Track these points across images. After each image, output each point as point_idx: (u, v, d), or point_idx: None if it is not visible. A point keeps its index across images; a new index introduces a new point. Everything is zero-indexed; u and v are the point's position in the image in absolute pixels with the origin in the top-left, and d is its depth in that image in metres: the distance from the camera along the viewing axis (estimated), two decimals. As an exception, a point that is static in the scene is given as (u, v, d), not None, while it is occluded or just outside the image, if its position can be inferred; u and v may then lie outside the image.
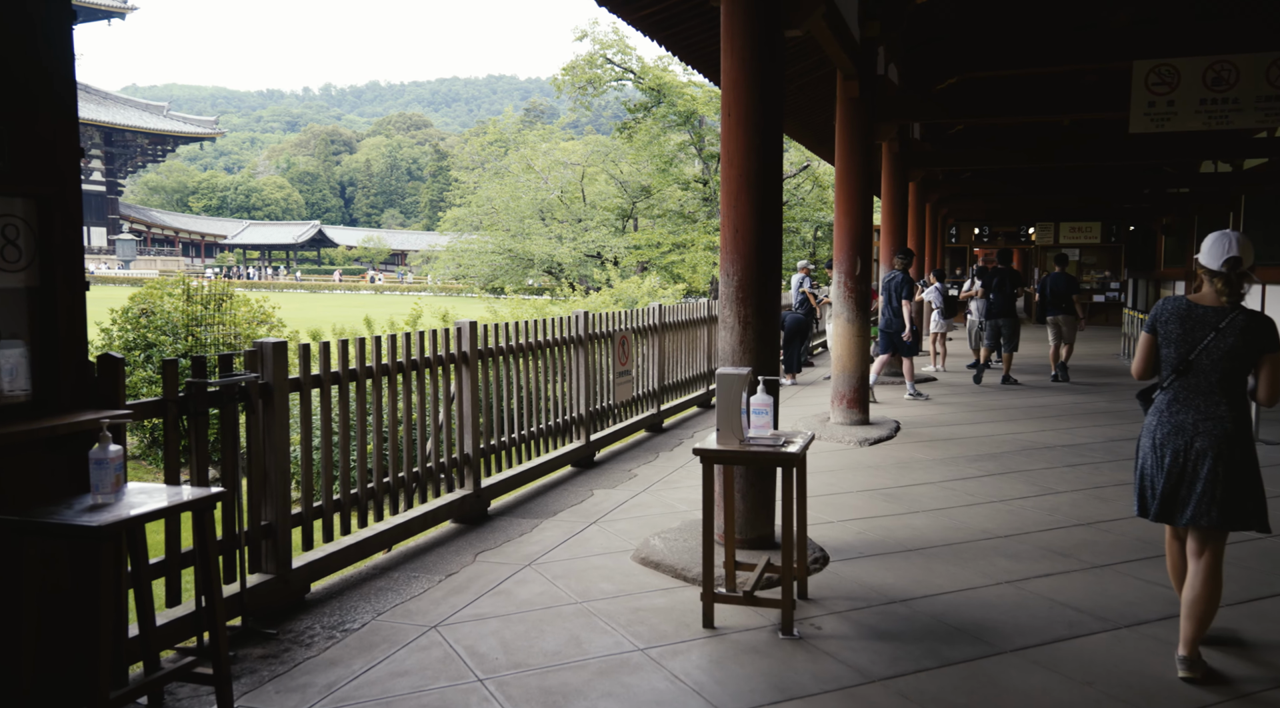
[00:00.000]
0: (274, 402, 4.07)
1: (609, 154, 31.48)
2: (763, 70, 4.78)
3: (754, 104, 4.78)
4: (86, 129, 69.38)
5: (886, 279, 10.92)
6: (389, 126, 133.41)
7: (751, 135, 4.80)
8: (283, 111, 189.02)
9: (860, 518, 5.70)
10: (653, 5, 8.37)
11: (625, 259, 27.10)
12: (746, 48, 4.76)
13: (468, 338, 5.66)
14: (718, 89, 27.05)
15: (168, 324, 10.68)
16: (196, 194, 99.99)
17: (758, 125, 4.80)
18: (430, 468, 5.35)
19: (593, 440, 7.46)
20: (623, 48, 27.54)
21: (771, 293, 4.97)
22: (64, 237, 3.17)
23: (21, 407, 3.07)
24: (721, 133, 4.96)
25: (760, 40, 4.77)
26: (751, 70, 4.77)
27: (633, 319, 8.49)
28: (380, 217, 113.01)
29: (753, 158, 4.83)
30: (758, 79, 4.78)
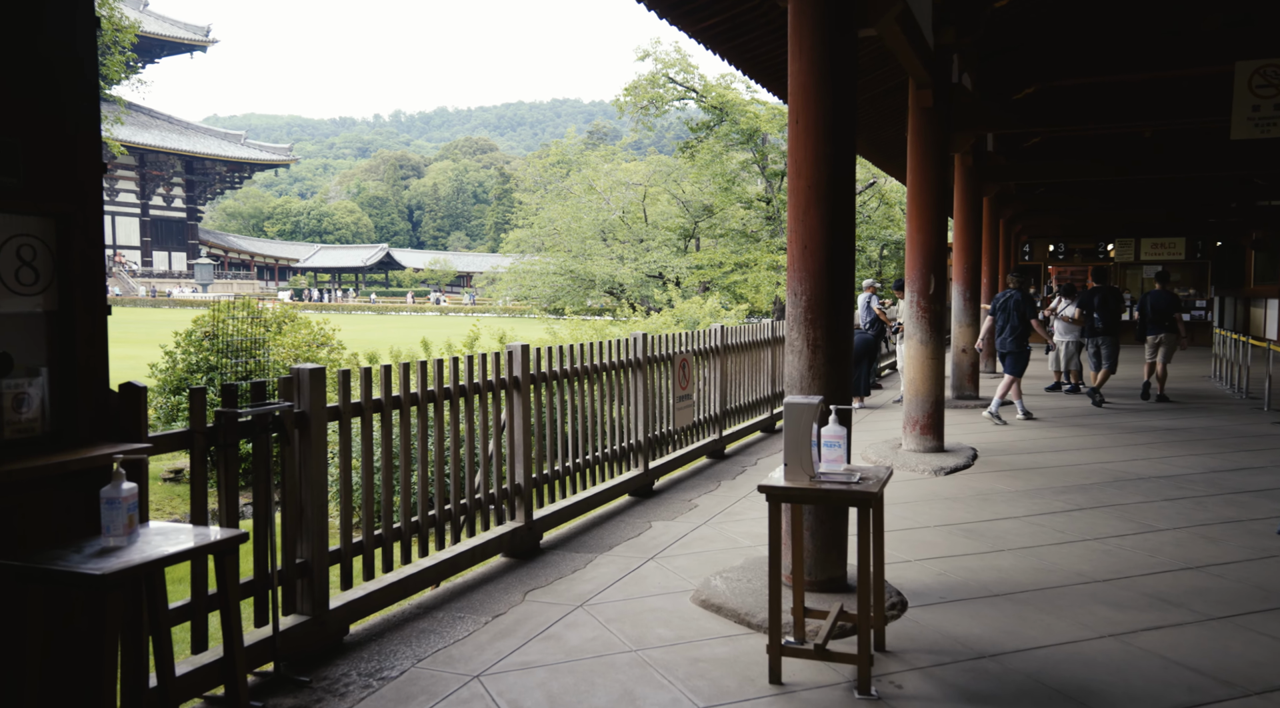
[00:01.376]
0: (311, 432, 3.83)
1: (671, 174, 31.29)
2: (834, 71, 4.44)
3: (824, 108, 4.44)
4: (169, 158, 72.13)
5: (1002, 298, 10.77)
6: (456, 151, 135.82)
7: (821, 143, 4.46)
8: (354, 138, 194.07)
9: (940, 557, 5.26)
10: (716, 15, 8.12)
11: (687, 279, 26.79)
12: (816, 47, 4.43)
13: (519, 362, 5.40)
14: (782, 106, 26.64)
15: (229, 347, 10.69)
16: (271, 219, 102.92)
17: (828, 131, 4.45)
18: (479, 499, 5.08)
19: (651, 468, 7.13)
20: (685, 66, 27.36)
21: (843, 314, 4.60)
22: (84, 258, 2.97)
23: (36, 440, 2.87)
24: (789, 141, 4.62)
25: (831, 38, 4.44)
26: (822, 71, 4.43)
27: (693, 341, 8.15)
28: (446, 239, 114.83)
29: (823, 167, 4.48)
30: (828, 81, 4.44)
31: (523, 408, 5.41)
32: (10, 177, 2.75)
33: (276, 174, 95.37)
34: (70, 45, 2.89)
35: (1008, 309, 10.70)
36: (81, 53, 2.93)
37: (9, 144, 2.74)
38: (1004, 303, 10.76)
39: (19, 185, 2.77)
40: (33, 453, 2.83)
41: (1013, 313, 10.63)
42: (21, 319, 2.84)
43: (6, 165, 2.73)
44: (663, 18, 7.85)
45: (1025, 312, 10.59)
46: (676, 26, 8.12)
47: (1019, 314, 10.59)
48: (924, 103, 8.37)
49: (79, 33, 2.92)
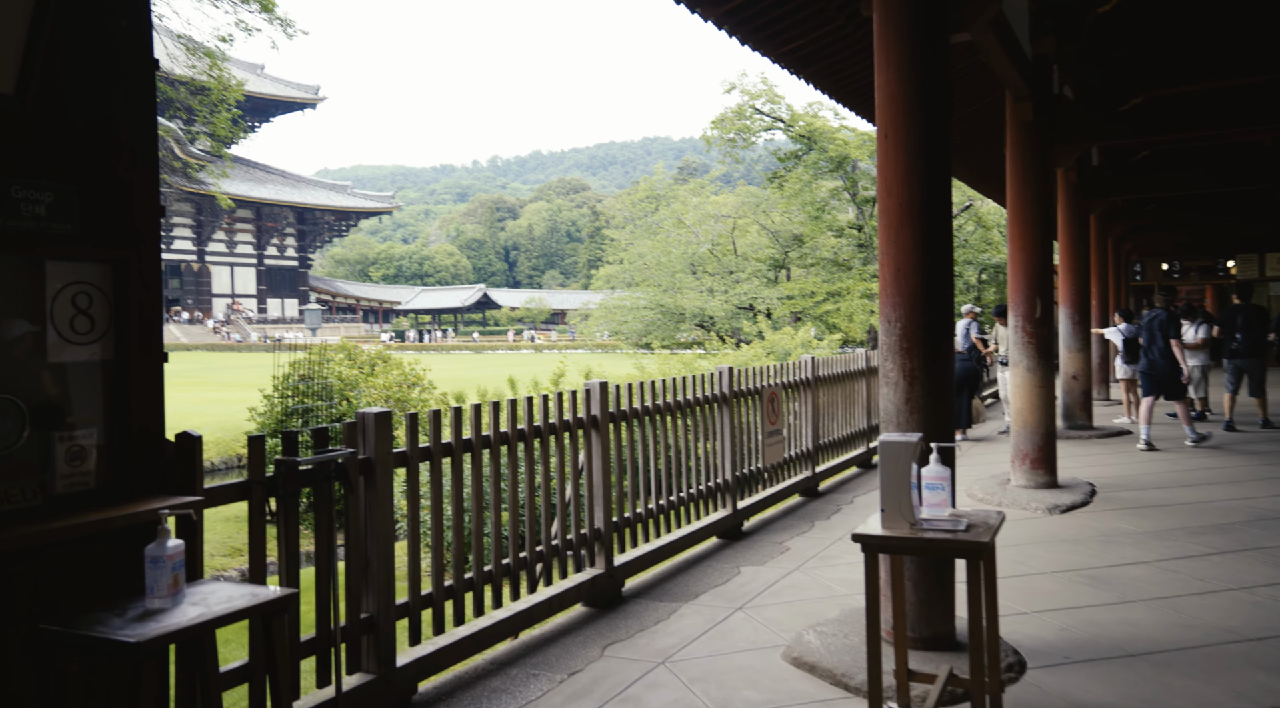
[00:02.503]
0: (376, 479, 3.68)
1: (760, 205, 30.98)
2: (925, 79, 4.12)
3: (916, 120, 4.12)
4: (282, 210, 75.57)
5: (1149, 318, 10.38)
6: (549, 192, 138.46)
7: (913, 157, 4.13)
8: (454, 184, 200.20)
9: (1061, 608, 4.77)
10: (799, 38, 7.89)
11: (778, 310, 26.32)
12: (905, 54, 4.13)
13: (597, 400, 5.18)
14: (872, 131, 26.15)
15: (324, 389, 10.83)
16: (376, 264, 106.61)
17: (920, 144, 4.13)
18: (556, 545, 4.85)
19: (740, 508, 6.80)
20: (771, 97, 27.12)
21: (942, 341, 4.23)
22: (140, 305, 2.88)
23: (91, 494, 2.77)
24: (878, 158, 4.31)
25: (921, 44, 4.13)
26: (912, 80, 4.12)
27: (782, 373, 7.81)
28: (542, 278, 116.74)
29: (915, 183, 4.15)
30: (919, 90, 4.12)
31: (602, 448, 5.18)
32: (65, 223, 2.68)
33: (380, 221, 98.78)
34: (125, 89, 2.83)
35: (1152, 329, 10.26)
36: (138, 96, 2.87)
37: (65, 191, 2.67)
38: (1149, 322, 10.36)
39: (75, 232, 2.70)
40: (86, 507, 2.73)
41: (1158, 333, 10.18)
42: (76, 368, 2.76)
43: (62, 212, 2.67)
44: (744, 43, 7.67)
45: (1170, 332, 10.12)
46: (759, 52, 7.93)
47: (1164, 334, 10.13)
48: (1023, 116, 7.91)
49: (133, 76, 2.85)
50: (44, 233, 2.62)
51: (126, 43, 2.84)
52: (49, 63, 2.61)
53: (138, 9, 2.87)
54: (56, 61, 2.64)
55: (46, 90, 2.61)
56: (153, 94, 2.93)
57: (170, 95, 12.26)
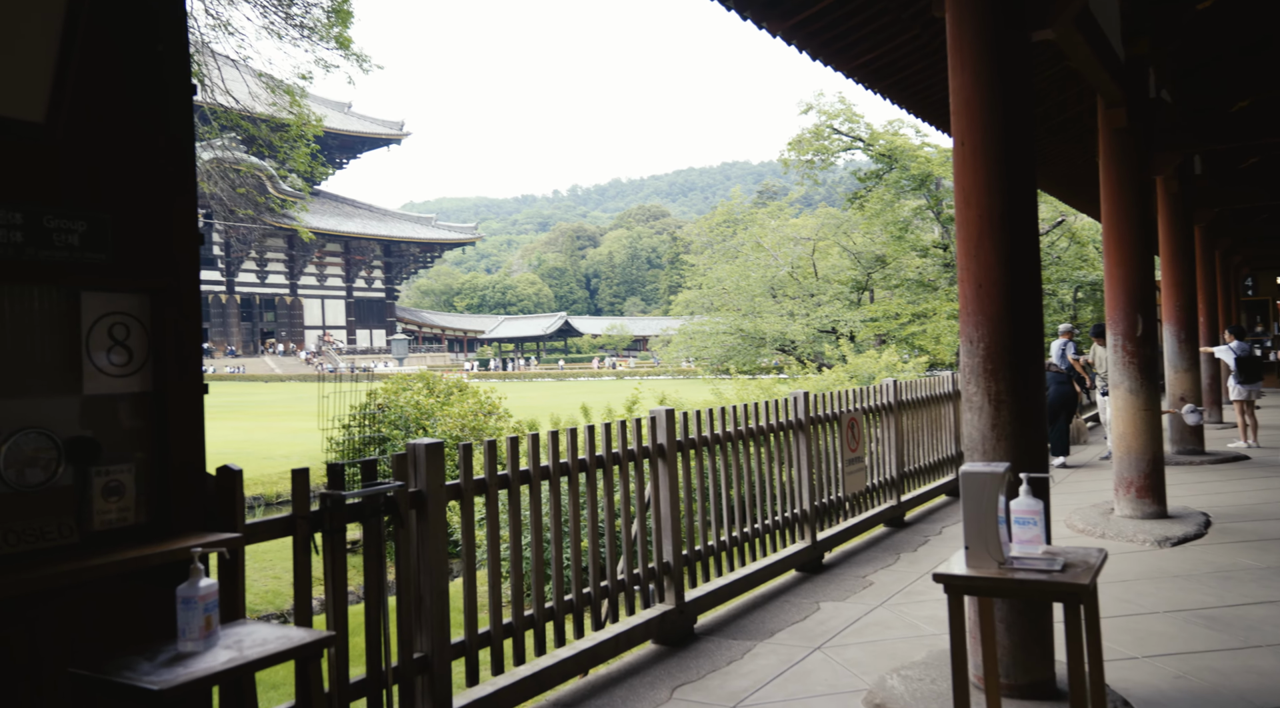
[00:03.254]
0: (428, 513, 3.54)
1: (840, 226, 30.46)
2: (1004, 79, 3.84)
3: (994, 123, 3.83)
4: (369, 243, 77.83)
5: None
6: (629, 219, 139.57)
7: (993, 164, 3.84)
8: (535, 214, 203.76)
9: (1175, 653, 4.33)
10: (872, 50, 7.63)
11: (861, 333, 25.70)
12: (981, 54, 3.85)
13: (664, 427, 4.97)
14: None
15: (400, 418, 10.89)
16: (460, 294, 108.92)
17: (1001, 150, 3.84)
18: (623, 580, 4.64)
19: (820, 540, 6.48)
20: (850, 116, 26.69)
21: (1031, 362, 3.90)
22: (179, 335, 2.81)
23: (126, 532, 2.69)
24: (954, 166, 4.03)
25: (999, 42, 3.85)
26: (989, 81, 3.84)
27: (863, 398, 7.48)
28: (622, 305, 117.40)
29: (996, 192, 3.85)
30: (997, 91, 3.84)
31: (669, 478, 4.97)
32: (99, 253, 2.62)
33: (464, 252, 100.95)
34: (161, 115, 2.77)
35: None
36: (175, 121, 2.81)
37: (99, 220, 2.62)
38: None
39: (109, 261, 2.64)
40: (124, 544, 2.65)
41: None
42: (114, 401, 2.69)
43: (96, 241, 2.61)
44: (816, 58, 7.46)
45: None
46: (831, 66, 7.70)
47: None
48: (1116, 122, 7.46)
49: (170, 102, 2.80)
50: (77, 263, 2.57)
51: (163, 68, 2.78)
52: (82, 89, 2.57)
53: (175, 33, 2.82)
54: (89, 88, 2.59)
55: (79, 117, 2.57)
56: (190, 119, 2.87)
57: (252, 132, 12.61)
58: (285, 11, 13.24)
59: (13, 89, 2.40)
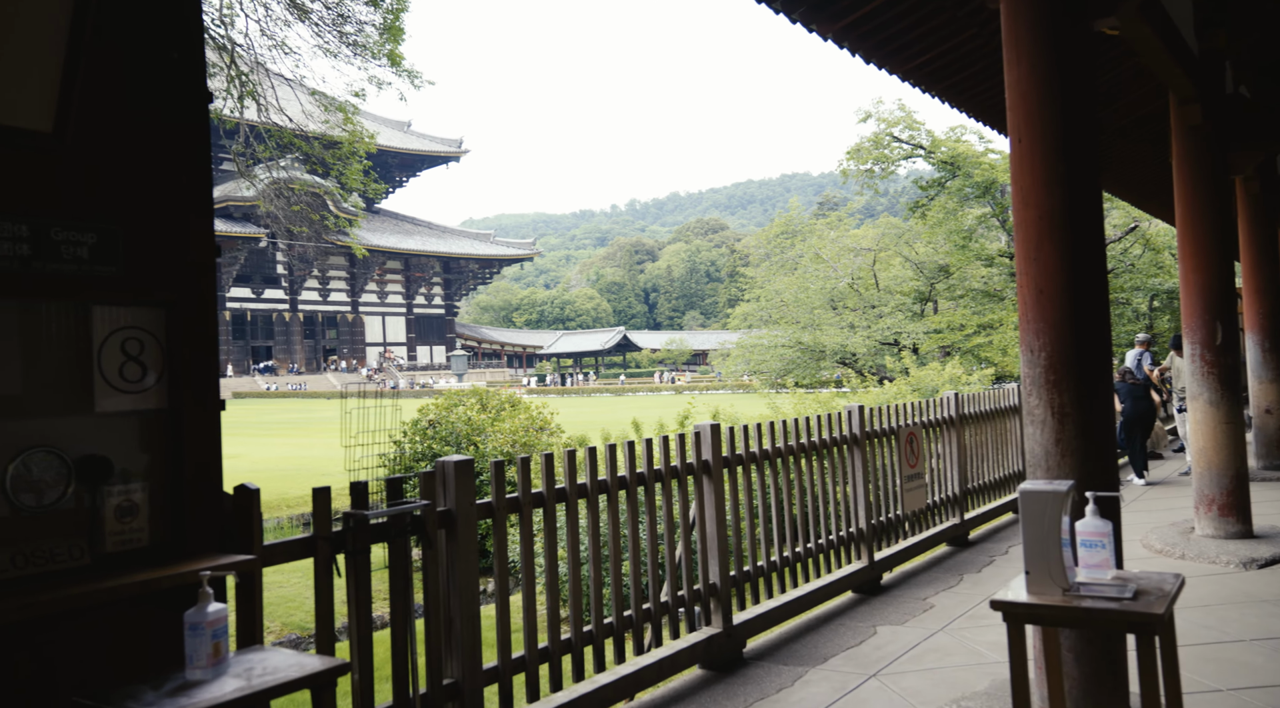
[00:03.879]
0: (459, 533, 3.41)
1: (903, 236, 29.89)
2: (1063, 71, 3.60)
3: (1053, 117, 3.59)
4: (429, 260, 78.95)
5: None
6: (688, 232, 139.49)
7: (1053, 161, 3.60)
8: (593, 228, 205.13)
9: (1263, 686, 3.99)
10: (927, 51, 7.39)
11: (925, 345, 25.09)
12: (1038, 44, 3.62)
13: (709, 443, 4.79)
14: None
15: (451, 434, 10.87)
16: (519, 310, 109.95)
17: (1060, 146, 3.59)
18: (666, 603, 4.46)
19: (877, 560, 6.21)
20: (910, 123, 26.18)
21: (1098, 372, 3.64)
22: (194, 349, 2.73)
23: (139, 553, 2.61)
24: (1011, 165, 3.80)
25: (1057, 31, 3.62)
26: (1047, 72, 3.60)
27: (922, 412, 7.19)
28: (681, 319, 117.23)
29: (1057, 191, 3.61)
30: (1056, 83, 3.60)
31: (715, 495, 4.78)
32: (110, 266, 2.55)
33: (522, 268, 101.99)
34: (175, 124, 2.70)
35: None
36: (189, 131, 2.74)
37: (109, 231, 2.55)
38: None
39: (120, 274, 2.57)
40: (137, 566, 2.56)
41: None
42: (126, 418, 2.61)
43: (106, 254, 2.54)
44: (869, 61, 7.26)
45: None
46: (885, 69, 7.49)
47: None
48: (1190, 120, 7.07)
49: (184, 110, 2.73)
50: (87, 276, 2.50)
51: (177, 76, 2.72)
52: (91, 98, 2.51)
53: (189, 41, 2.76)
54: (99, 97, 2.53)
55: (88, 126, 2.51)
56: (205, 129, 2.80)
57: (305, 150, 12.80)
58: (339, 30, 13.43)
59: (18, 98, 2.34)
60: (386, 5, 13.35)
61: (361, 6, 13.46)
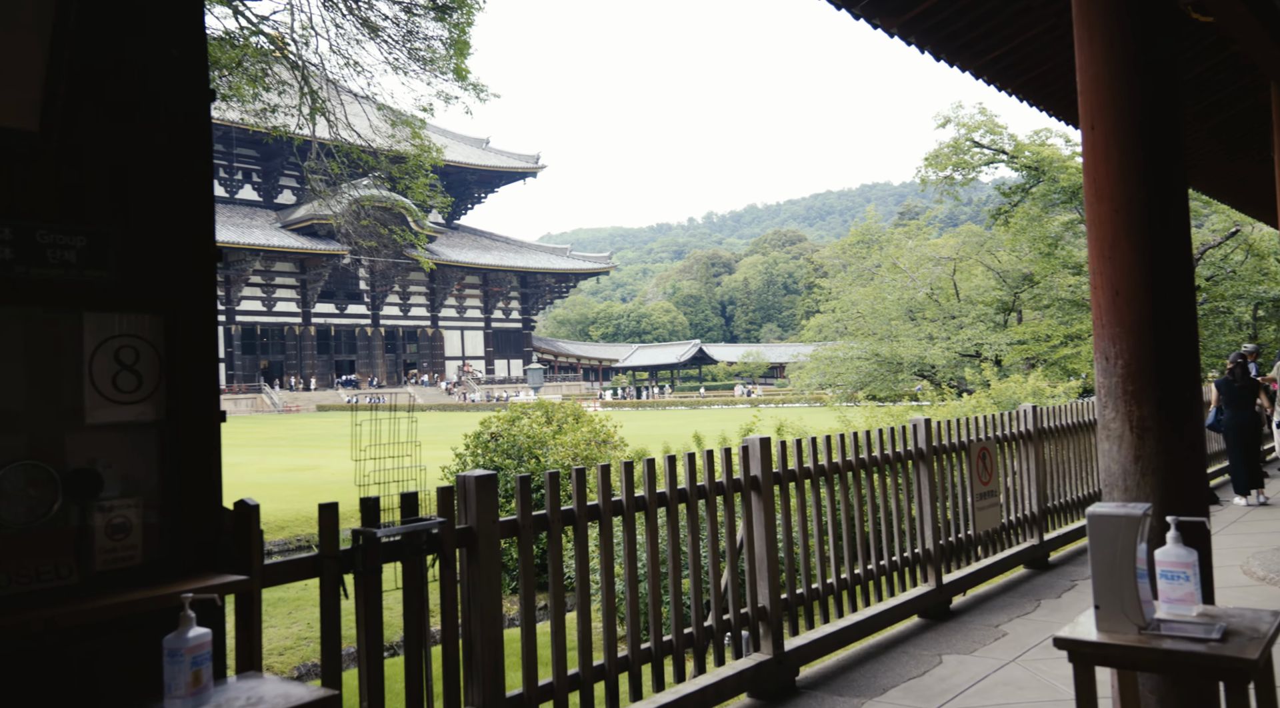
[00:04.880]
0: (479, 552, 3.23)
1: (985, 244, 28.92)
2: (1142, 50, 3.25)
3: (1131, 100, 3.25)
4: (506, 275, 79.99)
5: None
6: (765, 245, 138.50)
7: (1130, 149, 3.26)
8: (670, 242, 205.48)
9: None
10: (999, 46, 7.03)
11: (1008, 356, 24.14)
12: (1113, 22, 3.29)
13: (758, 458, 4.53)
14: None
15: (513, 447, 10.77)
16: (595, 323, 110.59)
17: (1138, 132, 3.25)
18: (710, 627, 4.21)
19: (946, 583, 5.83)
20: (991, 127, 25.31)
21: (1184, 382, 3.27)
22: (193, 358, 2.61)
23: (132, 572, 2.48)
24: (1084, 155, 3.46)
25: (1133, 6, 3.28)
26: (1123, 52, 3.27)
27: (995, 426, 6.77)
28: (759, 332, 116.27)
29: (1135, 182, 3.26)
30: (1134, 64, 3.26)
31: (765, 513, 4.51)
32: (101, 271, 2.44)
33: (598, 282, 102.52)
34: (173, 124, 2.60)
35: None
36: (188, 131, 2.63)
37: (100, 235, 2.44)
38: None
39: (112, 280, 2.46)
40: (130, 586, 2.44)
41: None
42: (120, 430, 2.50)
43: (96, 258, 2.43)
44: (938, 57, 6.94)
45: None
46: (955, 65, 7.15)
47: None
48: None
49: (183, 110, 2.62)
50: (75, 281, 2.39)
51: (177, 73, 2.61)
52: (82, 95, 2.41)
53: (191, 37, 2.65)
54: (91, 94, 2.43)
55: (80, 125, 2.40)
56: (207, 129, 2.69)
57: (370, 164, 12.95)
58: (408, 47, 13.59)
59: (1, 95, 2.25)
60: (453, 20, 13.46)
61: (430, 23, 13.60)
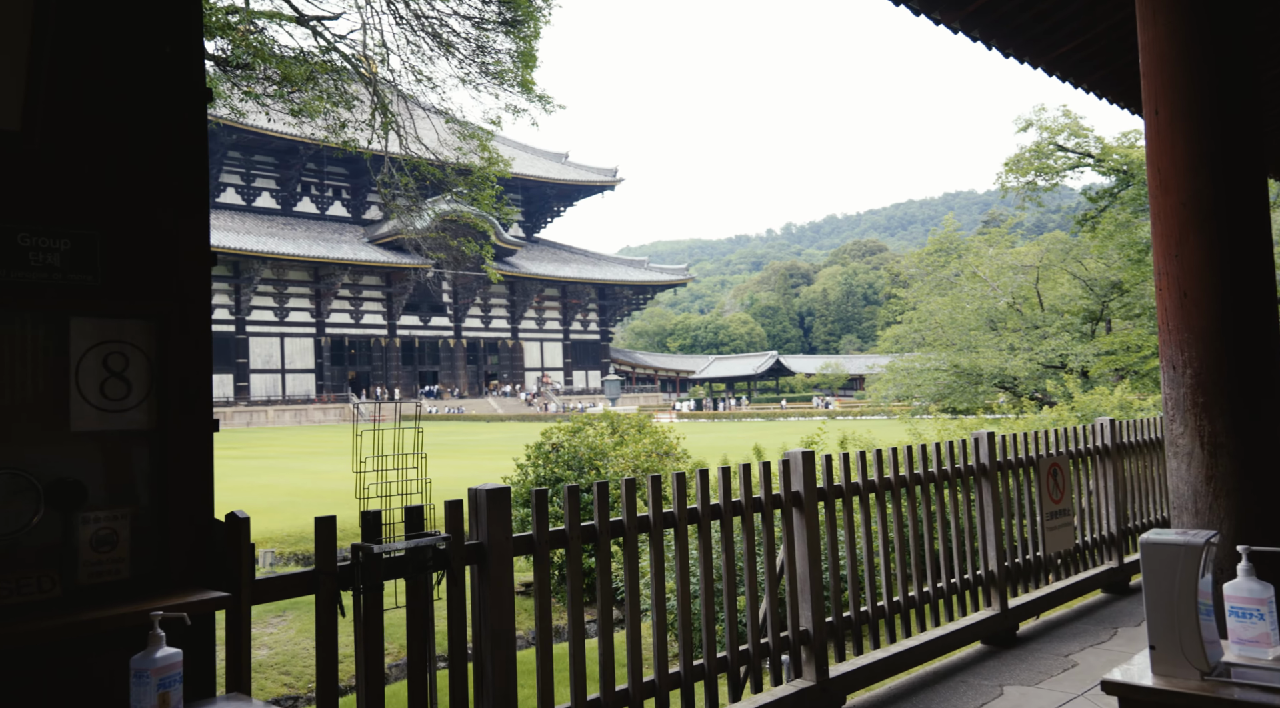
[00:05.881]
0: (490, 570, 3.09)
1: (1070, 251, 27.81)
2: (1210, 25, 2.95)
3: (1199, 83, 2.95)
4: (584, 287, 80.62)
5: None
6: (844, 255, 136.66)
7: (1198, 136, 2.96)
8: (748, 253, 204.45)
9: None
10: (1071, 39, 6.69)
11: (1094, 367, 23.10)
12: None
13: (799, 472, 4.29)
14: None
15: (573, 458, 10.67)
16: (673, 335, 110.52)
17: (1207, 117, 2.95)
18: (745, 652, 3.98)
19: (1011, 607, 5.47)
20: (1076, 129, 24.32)
21: (1262, 392, 2.94)
22: (185, 365, 2.53)
23: (118, 586, 2.40)
24: (1147, 144, 3.16)
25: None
26: (1190, 29, 2.97)
27: (1069, 439, 6.37)
28: (838, 343, 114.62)
29: (1204, 172, 2.96)
30: (1199, 40, 2.96)
31: (807, 531, 4.26)
32: (86, 274, 2.38)
33: (675, 293, 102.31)
34: (166, 123, 2.53)
35: None
36: (183, 130, 2.56)
37: (85, 237, 2.39)
38: None
39: (98, 284, 2.40)
40: (115, 600, 2.37)
41: None
42: (107, 439, 2.43)
43: (82, 261, 2.37)
44: (1006, 53, 6.66)
45: None
46: (1024, 60, 6.84)
47: None
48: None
49: (178, 109, 2.55)
50: (58, 285, 2.33)
51: (170, 72, 2.55)
52: (69, 94, 2.35)
53: (186, 35, 2.58)
54: (79, 92, 2.37)
55: (66, 125, 2.35)
56: (203, 129, 2.62)
57: (439, 177, 13.09)
58: (480, 61, 13.73)
59: (-22, 96, 2.21)
60: (520, 34, 13.55)
61: (499, 37, 13.73)
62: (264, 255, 60.12)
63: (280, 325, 64.93)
